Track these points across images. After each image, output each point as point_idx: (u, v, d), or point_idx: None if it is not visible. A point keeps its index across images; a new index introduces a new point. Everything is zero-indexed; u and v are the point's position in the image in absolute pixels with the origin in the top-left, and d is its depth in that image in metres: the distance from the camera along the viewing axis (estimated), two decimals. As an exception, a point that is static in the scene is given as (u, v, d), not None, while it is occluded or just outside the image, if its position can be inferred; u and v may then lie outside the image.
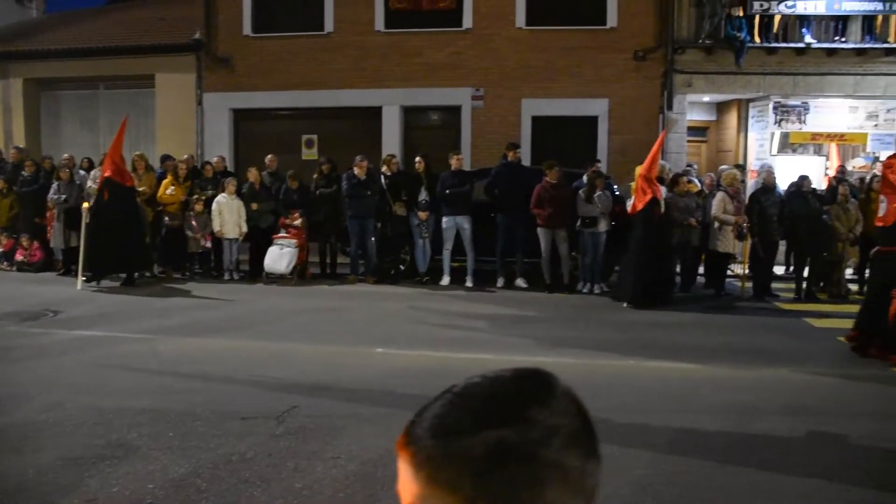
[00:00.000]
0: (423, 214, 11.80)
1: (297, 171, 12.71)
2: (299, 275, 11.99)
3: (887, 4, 14.46)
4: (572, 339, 8.35)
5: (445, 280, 11.82)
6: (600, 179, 11.52)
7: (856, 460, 4.96)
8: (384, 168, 12.14)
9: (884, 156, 14.51)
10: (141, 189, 12.09)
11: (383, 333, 8.51)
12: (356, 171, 11.87)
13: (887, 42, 14.96)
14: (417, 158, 12.30)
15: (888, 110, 15.24)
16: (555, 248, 11.51)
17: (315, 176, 12.39)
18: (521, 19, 15.28)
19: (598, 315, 9.94)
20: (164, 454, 4.75)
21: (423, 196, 11.84)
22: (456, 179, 11.72)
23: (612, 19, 15.11)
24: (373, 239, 12.09)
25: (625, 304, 10.38)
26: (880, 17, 14.88)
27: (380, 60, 15.51)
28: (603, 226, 11.45)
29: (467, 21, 15.41)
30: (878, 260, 8.02)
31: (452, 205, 11.60)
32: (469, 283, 11.72)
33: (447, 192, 11.61)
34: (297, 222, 11.94)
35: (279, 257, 11.69)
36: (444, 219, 11.67)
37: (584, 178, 11.69)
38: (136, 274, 11.90)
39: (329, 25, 15.82)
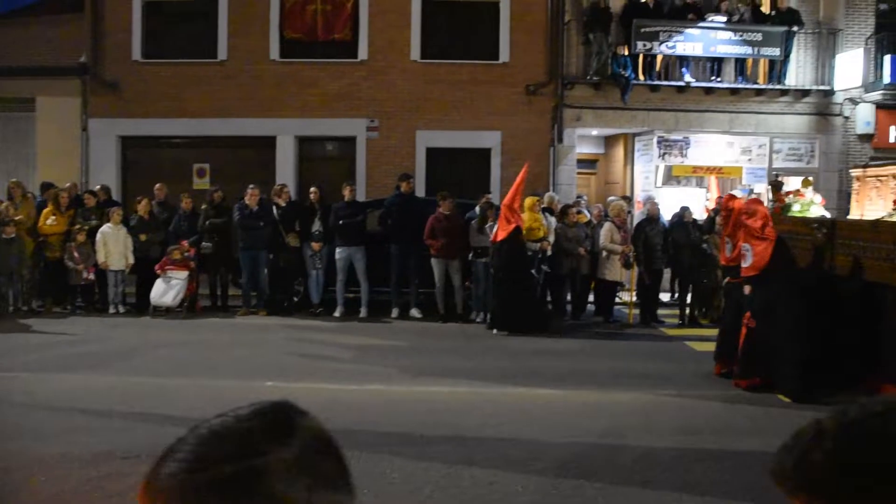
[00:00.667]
0: (316, 245, 11.73)
1: (192, 200, 12.45)
2: (188, 308, 11.66)
3: (755, 49, 15.44)
4: (463, 369, 8.43)
5: (339, 311, 11.74)
6: (492, 210, 11.74)
7: (732, 476, 5.19)
8: (276, 198, 12.02)
9: (758, 188, 15.47)
10: (17, 218, 11.54)
11: (274, 366, 8.38)
12: (248, 201, 11.71)
13: (757, 83, 15.96)
14: (312, 189, 12.25)
15: (760, 146, 16.21)
16: (448, 278, 11.64)
17: (204, 206, 12.13)
18: (415, 52, 15.51)
19: (490, 344, 10.08)
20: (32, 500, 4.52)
21: (316, 227, 11.78)
22: (349, 210, 11.72)
23: (504, 55, 15.54)
24: (265, 270, 11.91)
25: (494, 331, 10.63)
26: (750, 60, 15.87)
27: (274, 90, 15.39)
28: (495, 256, 11.67)
29: (363, 53, 15.53)
30: (730, 289, 8.47)
31: (345, 236, 11.58)
32: (363, 314, 11.69)
33: (340, 222, 11.58)
34: (187, 253, 11.64)
35: (166, 290, 11.35)
36: (338, 250, 11.63)
37: (477, 209, 11.90)
38: (11, 307, 11.34)
39: (223, 53, 15.61)
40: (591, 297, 12.55)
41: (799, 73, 16.16)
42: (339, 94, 15.34)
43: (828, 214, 10.30)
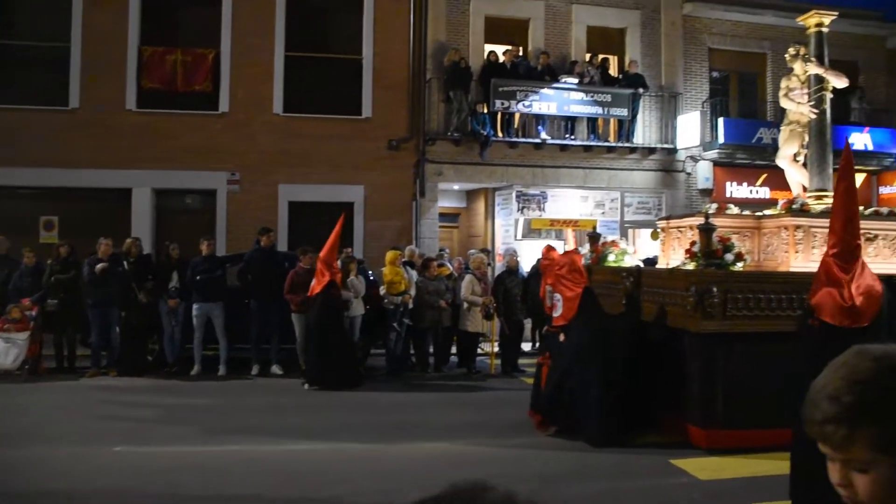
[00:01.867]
0: (172, 302, 11.35)
1: (35, 255, 11.78)
2: (30, 370, 10.95)
3: (605, 109, 16.40)
4: (323, 425, 8.32)
5: (196, 370, 11.35)
6: (354, 264, 11.77)
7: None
8: (126, 253, 11.56)
9: (611, 239, 16.22)
10: None
11: (124, 430, 7.98)
12: (100, 254, 11.22)
13: (608, 141, 16.90)
14: (171, 244, 11.90)
15: (612, 200, 17.11)
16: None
17: (50, 261, 11.50)
18: (278, 106, 15.47)
19: (351, 398, 9.99)
20: None
21: (174, 283, 11.42)
22: (207, 265, 11.44)
23: (367, 110, 15.75)
24: (116, 328, 11.39)
25: (306, 387, 10.46)
26: (601, 120, 16.81)
27: (131, 140, 14.85)
28: (358, 309, 11.67)
29: (223, 105, 15.34)
30: (548, 338, 8.75)
31: (203, 291, 11.28)
32: (222, 372, 11.35)
33: (198, 278, 11.28)
34: (29, 311, 10.97)
35: (5, 351, 10.63)
36: (195, 306, 11.29)
37: (339, 263, 11.89)
38: None
39: (74, 101, 15.00)
40: (453, 349, 12.70)
41: (645, 132, 17.24)
42: (198, 147, 15.00)
43: (641, 264, 10.86)
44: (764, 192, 18.04)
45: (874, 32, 19.65)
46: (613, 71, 17.54)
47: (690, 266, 7.95)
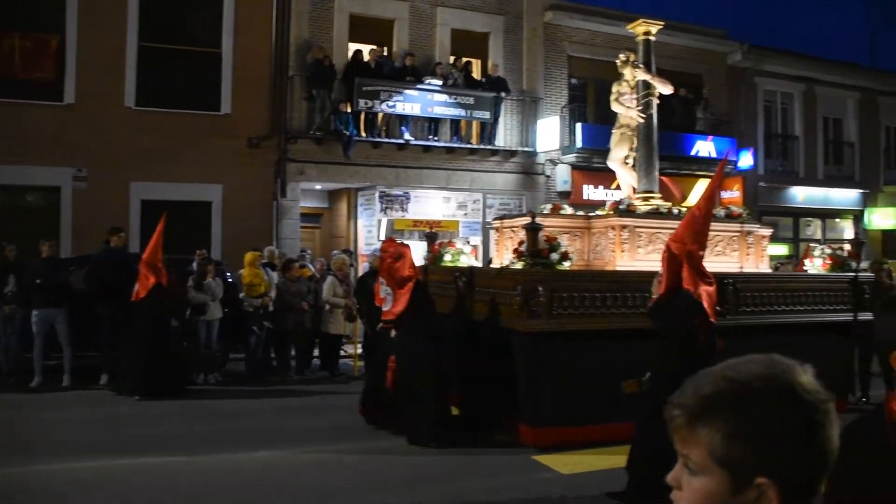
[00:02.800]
0: (6, 307, 10.54)
1: None
2: None
3: (468, 112, 16.61)
4: (155, 436, 7.91)
5: (36, 381, 10.56)
6: (211, 266, 11.36)
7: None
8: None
9: (474, 241, 16.46)
10: None
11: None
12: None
13: (470, 143, 17.13)
14: (9, 247, 11.05)
15: (474, 201, 17.37)
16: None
17: None
18: (130, 99, 14.66)
19: (198, 406, 9.54)
20: None
21: (10, 287, 10.62)
22: (47, 268, 10.68)
23: (226, 106, 15.22)
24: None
25: (136, 398, 9.78)
26: (464, 122, 17.01)
27: (-38, 131, 13.66)
28: (215, 313, 11.27)
29: (69, 96, 14.36)
30: (380, 334, 8.72)
31: (44, 296, 10.52)
32: (66, 383, 10.61)
33: (37, 282, 10.52)
34: None
35: None
36: (34, 312, 10.50)
37: (195, 264, 11.45)
38: None
39: None
40: (316, 352, 12.51)
41: (507, 135, 17.60)
42: (41, 140, 13.88)
43: (478, 264, 11.04)
44: (619, 195, 18.80)
45: (717, 48, 20.91)
46: (477, 74, 17.79)
47: (518, 265, 7.90)
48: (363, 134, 15.93)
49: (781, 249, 21.69)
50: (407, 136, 16.30)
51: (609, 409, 6.86)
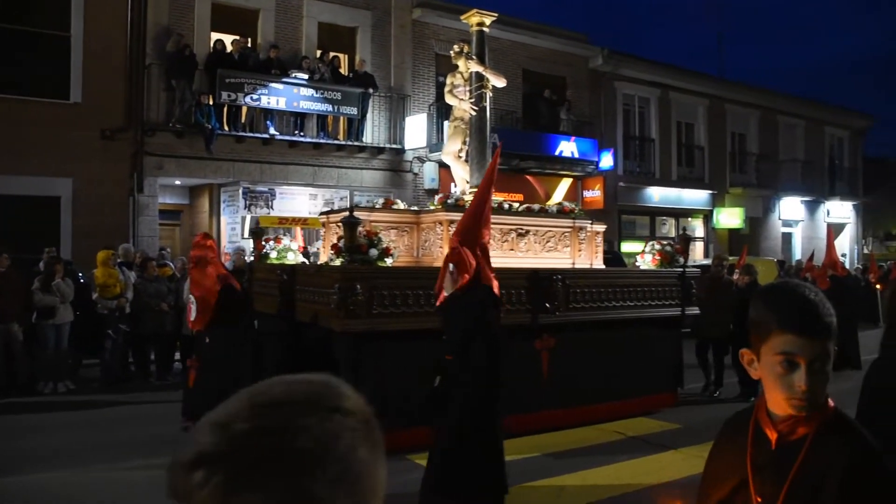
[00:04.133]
0: None
1: None
2: None
3: (335, 107, 16.37)
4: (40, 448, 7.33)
5: None
6: (59, 265, 10.64)
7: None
8: None
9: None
10: None
11: None
12: None
13: (338, 139, 16.90)
14: None
15: (341, 198, 17.14)
16: (8, 344, 10.21)
17: None
18: (-34, 83, 13.50)
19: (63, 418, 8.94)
20: None
21: None
22: None
23: (76, 94, 14.25)
24: None
25: None
26: (331, 118, 16.76)
27: None
28: (66, 315, 10.57)
29: None
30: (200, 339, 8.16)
31: None
32: None
33: None
34: None
35: None
36: None
37: (41, 265, 10.70)
38: None
39: None
40: (178, 355, 11.95)
41: (375, 132, 17.48)
42: None
43: (307, 261, 10.65)
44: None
45: (580, 52, 21.59)
46: (344, 69, 17.56)
47: (337, 262, 7.47)
48: (226, 128, 15.39)
49: (638, 247, 22.67)
50: (272, 130, 15.88)
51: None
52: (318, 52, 17.04)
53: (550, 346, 8.13)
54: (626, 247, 21.69)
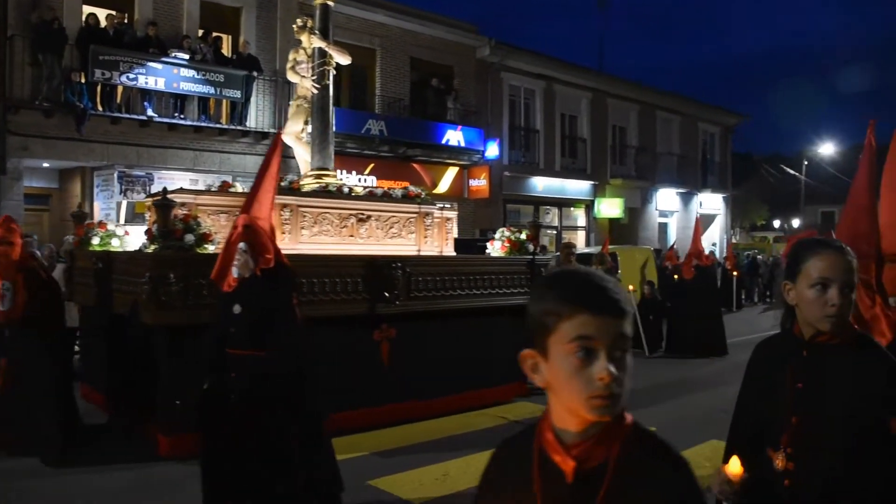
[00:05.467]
0: None
1: None
2: None
3: (218, 89, 15.80)
4: None
5: None
6: None
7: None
8: None
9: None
10: None
11: None
12: None
13: (220, 123, 16.33)
14: None
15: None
16: None
17: None
18: None
19: None
20: None
21: None
22: None
23: (-71, 66, 13.18)
24: None
25: None
26: (213, 100, 16.17)
27: None
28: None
29: None
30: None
31: None
32: None
33: None
34: None
35: None
36: None
37: None
38: None
39: None
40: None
41: (259, 116, 17.00)
42: None
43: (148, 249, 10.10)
44: (371, 181, 18.96)
45: (468, 42, 21.69)
46: (227, 51, 16.99)
47: (151, 249, 6.73)
48: (100, 108, 14.56)
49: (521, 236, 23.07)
50: (150, 112, 15.15)
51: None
52: (200, 32, 16.39)
53: (391, 336, 7.78)
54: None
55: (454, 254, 9.76)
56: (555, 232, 25.47)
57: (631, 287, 13.98)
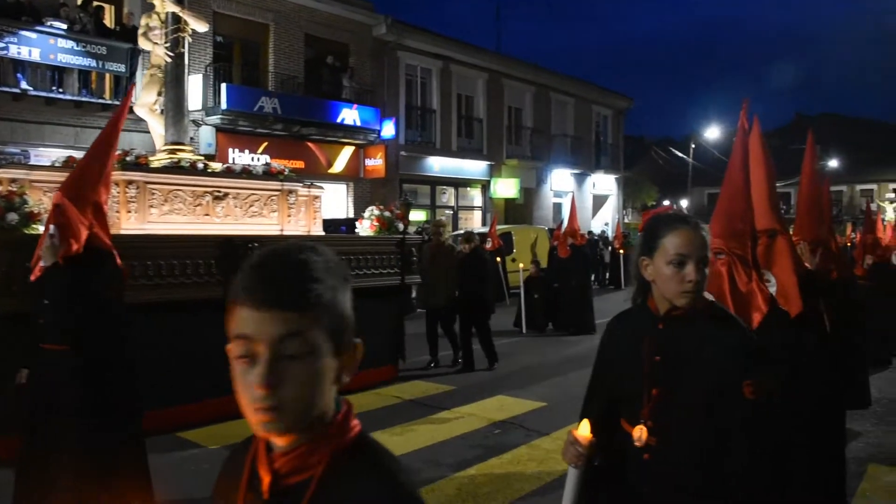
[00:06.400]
0: None
1: None
2: None
3: (100, 62, 15.11)
4: None
5: None
6: None
7: None
8: None
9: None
10: None
11: None
12: None
13: (103, 98, 15.63)
14: None
15: (108, 162, 15.91)
16: None
17: None
18: None
19: None
20: None
21: None
22: None
23: None
24: None
25: None
26: (95, 74, 15.46)
27: None
28: None
29: None
30: None
31: None
32: None
33: None
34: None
35: None
36: None
37: None
38: None
39: None
40: None
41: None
42: None
43: None
44: (265, 160, 18.59)
45: (364, 20, 21.46)
46: (109, 22, 16.26)
47: None
48: (-33, 79, 13.72)
49: (420, 215, 23.17)
50: (24, 84, 14.34)
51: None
52: (80, 1, 15.61)
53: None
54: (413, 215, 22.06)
55: (322, 234, 9.40)
56: (451, 212, 25.65)
57: (522, 265, 14.25)
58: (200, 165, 8.30)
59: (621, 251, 22.43)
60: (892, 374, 9.22)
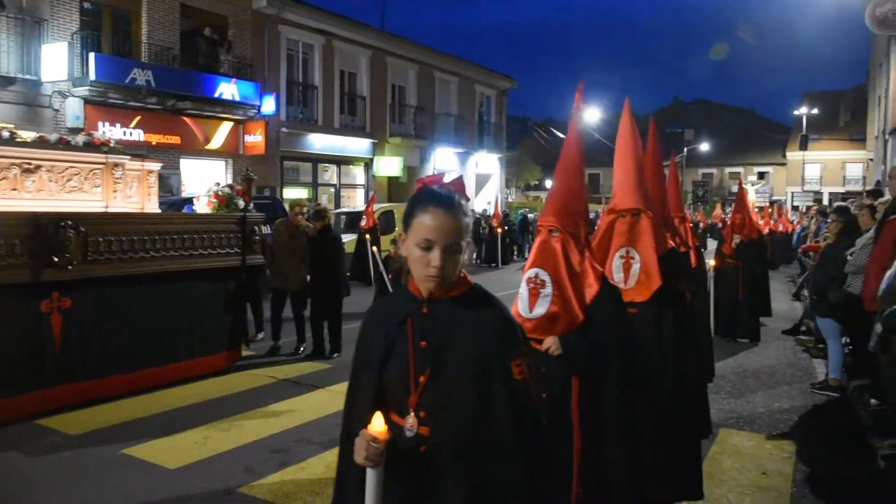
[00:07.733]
0: None
1: None
2: None
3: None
4: None
5: None
6: None
7: None
8: None
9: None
10: None
11: None
12: None
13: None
14: None
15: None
16: None
17: None
18: None
19: None
20: None
21: None
22: None
23: None
24: None
25: None
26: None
27: None
28: None
29: None
30: None
31: None
32: None
33: None
34: None
35: None
36: None
37: None
38: None
39: None
40: None
41: (4, 59, 15.48)
42: None
43: None
44: (138, 135, 17.96)
45: (242, -9, 20.91)
46: (-37, -17, 15.24)
47: None
48: None
49: (302, 193, 22.94)
50: None
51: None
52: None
53: (65, 307, 6.68)
54: (288, 193, 21.82)
55: (158, 211, 8.77)
56: (333, 190, 25.52)
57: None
58: (6, 134, 7.41)
59: (499, 230, 22.91)
60: (752, 347, 9.88)
